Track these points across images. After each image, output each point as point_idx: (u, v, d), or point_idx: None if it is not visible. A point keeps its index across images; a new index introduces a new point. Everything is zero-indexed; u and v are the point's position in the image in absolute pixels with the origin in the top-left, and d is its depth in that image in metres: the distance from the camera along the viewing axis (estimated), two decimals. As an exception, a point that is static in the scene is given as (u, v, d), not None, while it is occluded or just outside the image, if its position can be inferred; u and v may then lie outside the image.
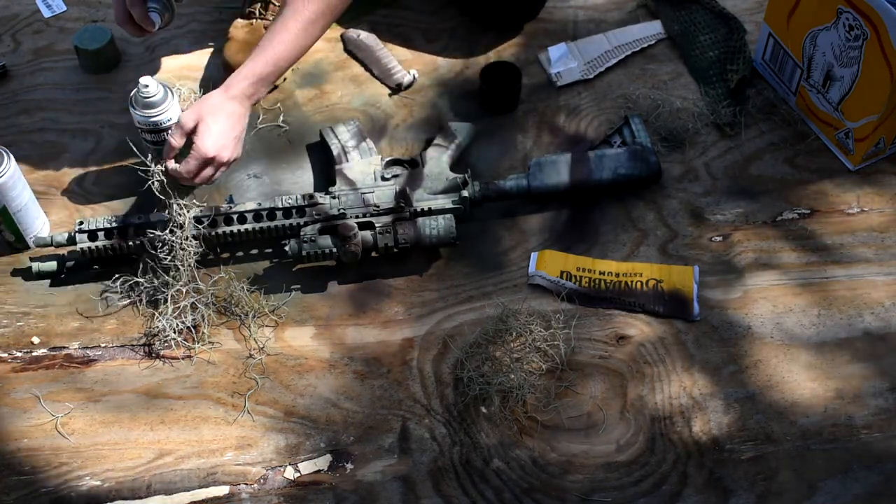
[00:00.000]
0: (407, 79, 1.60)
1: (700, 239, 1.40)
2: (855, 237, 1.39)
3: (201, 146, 1.28)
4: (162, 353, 1.30)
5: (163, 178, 1.31)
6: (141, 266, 1.32)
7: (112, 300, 1.34)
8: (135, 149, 1.35)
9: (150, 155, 1.34)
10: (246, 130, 1.38)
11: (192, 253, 1.30)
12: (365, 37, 1.64)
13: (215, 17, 1.71)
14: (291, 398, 1.26)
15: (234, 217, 1.36)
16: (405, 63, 1.63)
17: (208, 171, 1.31)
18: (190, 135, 1.32)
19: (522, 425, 1.23)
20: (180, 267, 1.28)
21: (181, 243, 1.28)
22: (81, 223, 1.35)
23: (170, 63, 1.64)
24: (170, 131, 1.34)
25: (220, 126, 1.29)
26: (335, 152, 1.45)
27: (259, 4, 1.61)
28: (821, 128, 1.50)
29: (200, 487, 1.19)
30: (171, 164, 1.32)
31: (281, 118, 1.56)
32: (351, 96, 1.60)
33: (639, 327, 1.31)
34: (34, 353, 1.31)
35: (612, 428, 1.22)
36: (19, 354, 1.31)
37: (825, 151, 1.50)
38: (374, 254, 1.36)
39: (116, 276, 1.33)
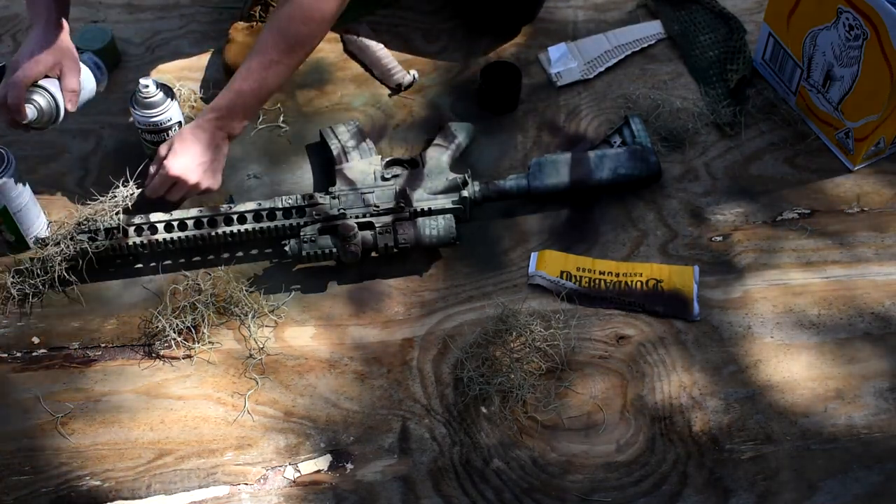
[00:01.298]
0: (407, 79, 1.60)
1: (700, 239, 1.40)
2: (855, 237, 1.39)
3: (165, 166, 1.37)
4: (162, 353, 1.30)
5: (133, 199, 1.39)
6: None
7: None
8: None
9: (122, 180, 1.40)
10: (223, 160, 1.42)
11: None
12: (365, 37, 1.64)
13: (215, 17, 1.71)
14: (291, 398, 1.26)
15: (234, 217, 1.36)
16: (405, 63, 1.63)
17: (176, 192, 1.39)
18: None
19: (522, 425, 1.23)
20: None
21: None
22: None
23: (170, 63, 1.64)
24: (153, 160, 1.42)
25: (186, 152, 1.38)
26: (335, 152, 1.45)
27: (259, 7, 1.62)
28: (821, 128, 1.50)
29: (200, 487, 1.18)
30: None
31: (281, 118, 1.56)
32: (351, 96, 1.60)
33: (639, 327, 1.31)
34: (34, 353, 1.31)
35: (612, 428, 1.22)
36: (19, 354, 1.31)
37: (825, 151, 1.50)
38: (374, 254, 1.36)
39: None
